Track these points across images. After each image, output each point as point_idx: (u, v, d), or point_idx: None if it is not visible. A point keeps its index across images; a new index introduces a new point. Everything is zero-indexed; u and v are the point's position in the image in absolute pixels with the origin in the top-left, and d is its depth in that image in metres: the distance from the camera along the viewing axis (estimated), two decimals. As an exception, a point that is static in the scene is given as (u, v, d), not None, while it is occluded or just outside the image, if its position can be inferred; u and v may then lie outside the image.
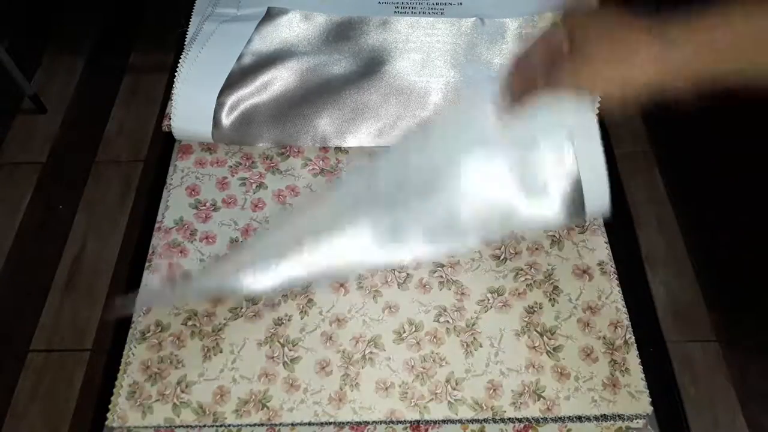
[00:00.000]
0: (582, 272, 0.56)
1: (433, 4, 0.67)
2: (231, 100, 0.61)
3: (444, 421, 0.48)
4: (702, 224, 1.26)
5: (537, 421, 0.49)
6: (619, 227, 0.60)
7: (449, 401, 0.49)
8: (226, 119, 0.61)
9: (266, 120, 0.61)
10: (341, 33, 0.65)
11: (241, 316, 0.53)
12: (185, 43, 0.65)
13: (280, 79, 0.62)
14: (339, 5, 0.67)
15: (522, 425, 0.49)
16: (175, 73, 0.62)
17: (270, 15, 0.66)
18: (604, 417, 0.49)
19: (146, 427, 0.48)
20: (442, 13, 0.66)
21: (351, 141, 0.62)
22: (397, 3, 0.67)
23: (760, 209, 1.03)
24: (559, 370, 0.51)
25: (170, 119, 0.62)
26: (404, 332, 0.52)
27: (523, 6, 0.66)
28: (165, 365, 0.51)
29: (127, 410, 0.48)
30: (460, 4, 0.67)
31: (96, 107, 1.57)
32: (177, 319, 0.53)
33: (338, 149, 0.63)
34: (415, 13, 0.66)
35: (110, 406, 0.49)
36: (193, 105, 0.61)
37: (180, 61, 0.62)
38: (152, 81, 1.61)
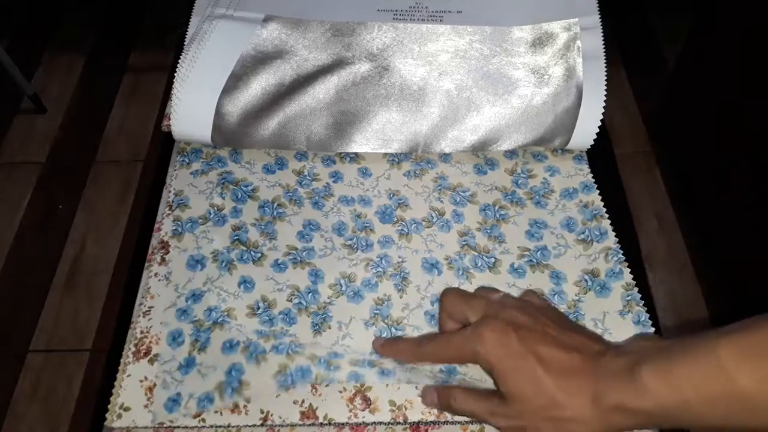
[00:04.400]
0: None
1: (432, 12, 0.67)
2: (229, 103, 0.61)
3: (444, 422, 0.48)
4: (702, 224, 1.26)
5: (537, 421, 0.49)
6: (619, 227, 0.60)
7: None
8: (225, 123, 0.61)
9: (264, 125, 0.61)
10: (341, 39, 0.65)
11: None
12: (185, 43, 0.65)
13: (278, 85, 0.62)
14: (337, 12, 0.67)
15: (522, 425, 0.49)
16: (175, 74, 0.62)
17: (268, 20, 0.66)
18: (604, 417, 0.49)
19: (146, 427, 0.48)
20: (441, 21, 0.66)
21: (348, 148, 0.62)
22: (396, 11, 0.67)
23: (760, 209, 1.03)
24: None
25: (170, 119, 0.62)
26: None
27: (522, 14, 0.66)
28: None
29: (125, 410, 0.48)
30: (460, 12, 0.67)
31: (96, 107, 1.57)
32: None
33: (338, 155, 0.63)
34: (414, 20, 0.66)
35: (110, 406, 0.49)
36: (192, 107, 0.61)
37: (180, 61, 0.62)
38: (152, 81, 1.61)
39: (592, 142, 0.61)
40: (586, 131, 0.60)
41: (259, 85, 0.62)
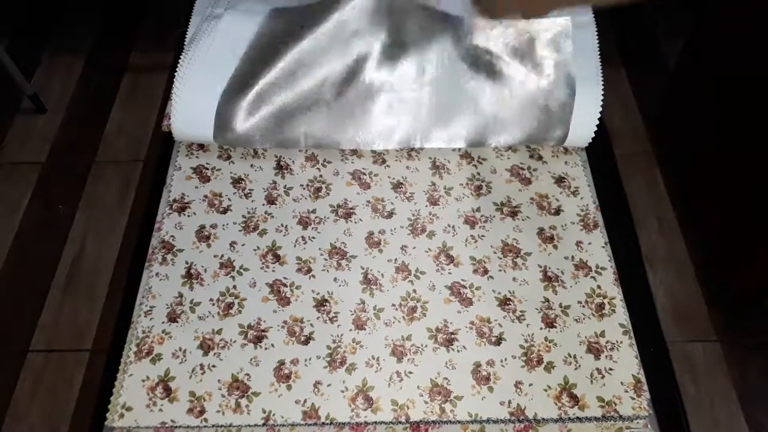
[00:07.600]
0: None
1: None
2: (229, 102, 0.61)
3: (444, 422, 0.48)
4: (702, 224, 1.26)
5: (537, 421, 0.49)
6: (619, 227, 0.60)
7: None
8: (226, 123, 0.61)
9: (264, 125, 0.61)
10: (341, 40, 0.64)
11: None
12: (185, 43, 0.65)
13: (278, 84, 0.62)
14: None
15: (522, 425, 0.49)
16: (175, 73, 0.62)
17: (269, 19, 0.65)
18: (604, 417, 0.49)
19: (146, 427, 0.48)
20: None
21: (346, 145, 0.62)
22: None
23: (760, 209, 1.03)
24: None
25: (170, 119, 0.62)
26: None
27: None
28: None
29: (127, 410, 0.48)
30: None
31: (95, 107, 1.57)
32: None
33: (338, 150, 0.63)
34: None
35: (111, 406, 0.49)
36: (192, 108, 0.61)
37: (180, 61, 0.62)
38: (152, 81, 1.61)
39: (591, 140, 0.61)
40: (583, 126, 0.60)
41: (258, 87, 0.61)
